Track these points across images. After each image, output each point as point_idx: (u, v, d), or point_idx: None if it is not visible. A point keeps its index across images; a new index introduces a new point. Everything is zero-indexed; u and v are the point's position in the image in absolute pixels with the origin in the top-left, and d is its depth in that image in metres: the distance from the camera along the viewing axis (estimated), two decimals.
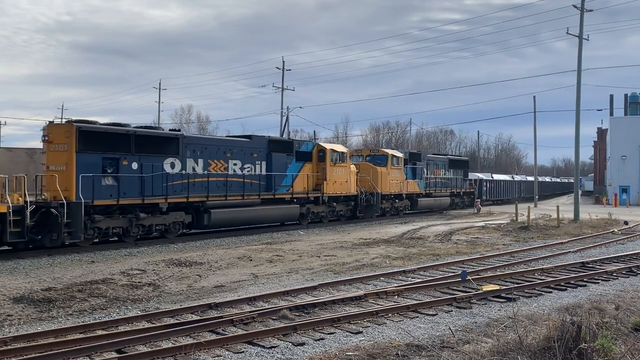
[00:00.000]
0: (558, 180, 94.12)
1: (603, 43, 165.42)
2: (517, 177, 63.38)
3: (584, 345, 6.30)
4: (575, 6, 31.39)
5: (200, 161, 21.40)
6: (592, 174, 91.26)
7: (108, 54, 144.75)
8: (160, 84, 67.75)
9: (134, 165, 18.94)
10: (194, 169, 21.08)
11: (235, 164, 22.82)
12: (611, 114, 70.89)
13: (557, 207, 30.03)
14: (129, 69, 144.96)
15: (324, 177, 26.69)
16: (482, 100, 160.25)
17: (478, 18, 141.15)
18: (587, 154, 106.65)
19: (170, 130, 21.60)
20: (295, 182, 25.49)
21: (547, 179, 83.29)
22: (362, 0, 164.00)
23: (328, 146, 27.69)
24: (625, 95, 68.56)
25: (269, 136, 25.25)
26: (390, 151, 33.50)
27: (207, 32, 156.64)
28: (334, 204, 28.12)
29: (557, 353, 6.29)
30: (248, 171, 23.33)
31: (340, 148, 28.80)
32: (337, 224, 28.89)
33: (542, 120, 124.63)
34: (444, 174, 39.73)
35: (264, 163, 24.05)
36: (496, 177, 55.18)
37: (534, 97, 51.83)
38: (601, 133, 79.51)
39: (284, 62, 52.24)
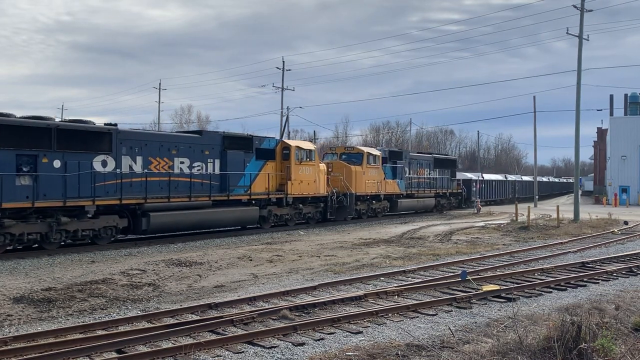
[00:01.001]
0: (557, 180, 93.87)
1: (603, 43, 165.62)
2: (511, 177, 61.13)
3: (584, 345, 6.30)
4: (575, 6, 31.40)
5: (139, 159, 19.31)
6: (592, 174, 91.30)
7: (108, 54, 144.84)
8: (160, 84, 67.83)
9: (56, 163, 16.92)
10: (131, 167, 19.01)
11: (182, 162, 20.80)
12: (611, 114, 70.95)
13: (557, 207, 30.03)
14: (128, 69, 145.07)
15: (289, 176, 24.74)
16: (482, 100, 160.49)
17: (478, 18, 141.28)
18: (587, 154, 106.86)
19: (105, 124, 19.24)
20: (255, 182, 23.46)
21: (545, 179, 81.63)
22: (362, 1, 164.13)
23: (293, 143, 26.04)
24: (625, 95, 68.61)
25: (223, 132, 23.47)
26: (366, 149, 31.49)
27: (207, 32, 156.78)
28: (300, 205, 25.98)
29: (557, 353, 6.29)
30: (198, 170, 21.32)
31: (307, 145, 26.87)
32: (337, 224, 28.82)
33: (542, 120, 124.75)
34: (429, 173, 37.78)
35: (217, 161, 22.05)
36: (487, 176, 52.68)
37: (534, 97, 51.88)
38: (601, 133, 79.55)
39: (284, 62, 52.31)
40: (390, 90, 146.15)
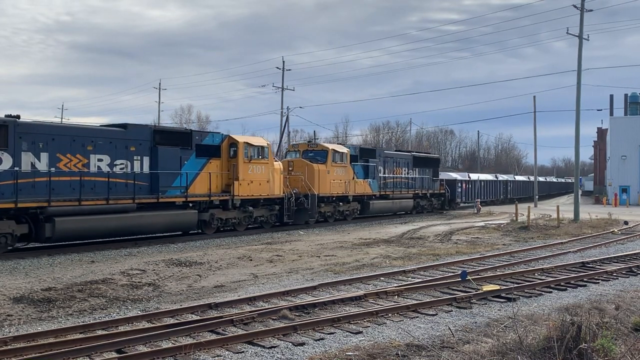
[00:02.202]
0: (554, 180, 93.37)
1: (602, 43, 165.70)
2: (503, 177, 57.58)
3: (584, 345, 6.30)
4: (575, 6, 31.41)
5: (44, 156, 16.87)
6: (592, 174, 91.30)
7: (107, 54, 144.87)
8: (160, 84, 67.85)
9: None
10: (33, 165, 16.61)
11: (100, 160, 18.22)
12: (611, 114, 70.95)
13: (557, 207, 30.03)
14: (128, 69, 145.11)
15: (235, 176, 22.27)
16: (481, 100, 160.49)
17: (477, 18, 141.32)
18: (587, 154, 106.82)
19: (5, 116, 16.63)
20: (194, 183, 21.00)
21: (542, 179, 78.82)
22: (361, 1, 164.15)
23: (241, 139, 23.15)
24: (625, 95, 68.63)
25: (154, 125, 20.45)
26: (331, 146, 29.00)
27: (206, 32, 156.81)
28: (251, 208, 23.31)
29: (557, 353, 6.29)
30: (121, 169, 18.79)
31: (258, 141, 24.27)
32: (337, 224, 28.83)
33: (542, 120, 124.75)
34: (407, 173, 35.32)
35: (146, 159, 19.52)
36: (474, 176, 49.43)
37: (534, 97, 51.87)
38: (601, 133, 79.55)
39: (284, 62, 52.23)
40: (389, 90, 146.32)
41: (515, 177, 63.29)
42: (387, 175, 32.97)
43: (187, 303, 10.59)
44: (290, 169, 27.05)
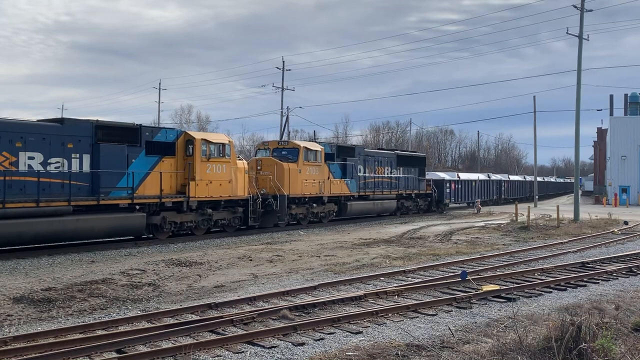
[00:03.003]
0: (553, 179, 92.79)
1: (602, 43, 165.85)
2: (496, 177, 55.00)
3: (584, 345, 6.30)
4: (575, 6, 31.39)
5: None
6: (592, 174, 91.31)
7: (107, 54, 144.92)
8: (160, 84, 67.84)
9: None
10: None
11: (31, 158, 16.56)
12: (611, 114, 70.99)
13: (557, 207, 30.03)
14: (128, 69, 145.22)
15: (192, 175, 20.44)
16: (481, 100, 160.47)
17: (476, 18, 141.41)
18: (587, 154, 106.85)
19: None
20: (144, 183, 19.16)
21: (539, 179, 76.75)
22: (360, 1, 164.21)
23: (198, 135, 21.50)
24: (625, 95, 68.66)
25: (96, 120, 18.40)
26: (303, 143, 27.38)
27: (206, 33, 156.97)
28: (210, 210, 21.47)
29: (557, 353, 6.29)
30: (57, 167, 17.06)
31: (218, 138, 22.30)
32: (337, 223, 28.79)
33: (542, 120, 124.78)
34: (390, 172, 33.38)
35: (86, 157, 17.78)
36: (464, 176, 46.92)
37: (534, 97, 51.88)
38: (601, 133, 79.55)
39: (284, 62, 52.17)
40: (389, 90, 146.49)
41: (510, 176, 60.98)
42: (367, 175, 31.21)
43: (187, 303, 10.59)
44: (258, 168, 25.35)
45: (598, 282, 12.98)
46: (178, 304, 10.63)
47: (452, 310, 10.10)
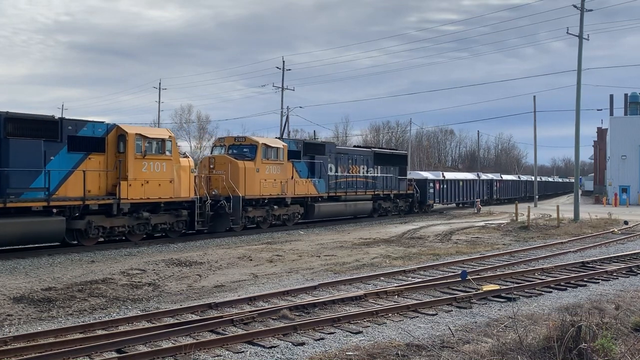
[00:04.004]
0: (551, 179, 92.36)
1: (602, 43, 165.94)
2: (487, 176, 52.18)
3: (584, 345, 6.30)
4: (575, 6, 31.40)
5: None
6: (592, 174, 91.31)
7: (107, 54, 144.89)
8: (160, 83, 67.84)
9: None
10: None
11: None
12: (611, 114, 70.96)
13: (557, 207, 30.04)
14: (128, 69, 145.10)
15: (124, 174, 18.17)
16: (481, 100, 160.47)
17: (475, 18, 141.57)
18: (587, 154, 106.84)
19: None
20: (65, 184, 17.05)
21: (532, 178, 72.65)
22: (360, 1, 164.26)
23: (132, 129, 18.88)
24: (625, 95, 68.66)
25: (6, 112, 16.15)
26: (262, 139, 24.87)
27: (205, 33, 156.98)
28: (146, 213, 19.17)
29: (557, 353, 6.29)
30: None
31: (156, 133, 19.93)
32: (337, 223, 28.76)
33: (542, 120, 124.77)
34: (366, 171, 31.27)
35: None
36: (450, 175, 44.15)
37: (534, 97, 51.83)
38: (601, 133, 79.55)
39: (284, 62, 52.15)
40: (388, 90, 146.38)
41: (503, 176, 58.05)
42: (339, 174, 28.98)
43: (187, 303, 10.60)
44: (211, 166, 23.19)
45: (598, 282, 12.98)
46: (178, 303, 10.64)
47: (452, 310, 10.10)
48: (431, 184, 38.05)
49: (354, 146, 37.99)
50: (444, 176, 41.71)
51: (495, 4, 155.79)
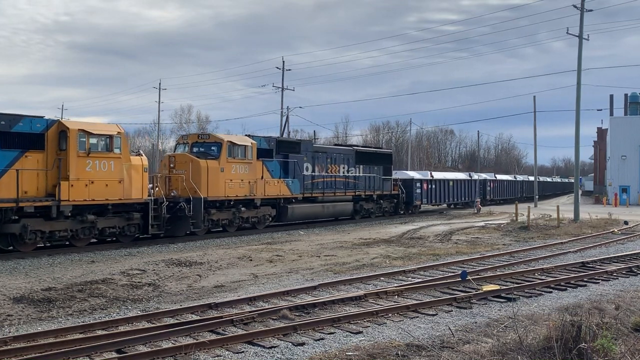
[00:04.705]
0: (550, 179, 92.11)
1: (601, 43, 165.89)
2: (481, 176, 50.06)
3: (584, 345, 6.30)
4: (575, 6, 31.39)
5: None
6: (592, 174, 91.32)
7: (107, 54, 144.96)
8: (160, 83, 67.78)
9: None
10: None
11: None
12: (611, 114, 71.00)
13: (557, 207, 30.04)
14: (127, 69, 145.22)
15: (65, 174, 16.72)
16: (481, 101, 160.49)
17: (475, 18, 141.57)
18: (587, 154, 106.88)
19: None
20: None
21: (531, 178, 65.43)
22: (359, 1, 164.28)
23: (74, 125, 17.31)
24: (625, 95, 68.67)
25: None
26: (227, 137, 23.14)
27: (205, 33, 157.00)
28: (92, 216, 17.53)
29: (557, 353, 6.29)
30: None
31: (103, 129, 18.17)
32: (337, 223, 28.74)
33: (542, 120, 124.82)
34: (347, 170, 29.66)
35: None
36: (439, 175, 42.36)
37: (534, 97, 51.81)
38: (601, 133, 79.58)
39: (284, 62, 52.09)
40: (388, 90, 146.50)
41: (497, 176, 55.82)
42: (316, 174, 27.37)
43: (187, 303, 10.60)
44: (171, 166, 21.57)
45: (598, 282, 12.98)
46: (178, 304, 10.64)
47: (452, 310, 10.10)
48: (418, 184, 36.54)
49: (335, 144, 36.78)
50: (432, 176, 40.00)
51: (495, 4, 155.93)
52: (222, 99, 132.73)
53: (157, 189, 20.15)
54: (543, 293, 11.68)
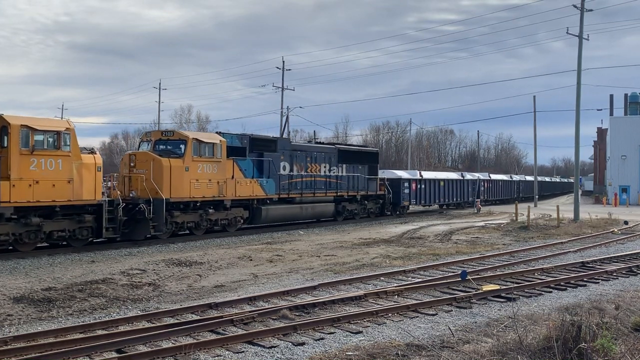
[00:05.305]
0: (548, 179, 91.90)
1: (601, 43, 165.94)
2: (474, 175, 48.28)
3: (584, 345, 6.30)
4: (575, 6, 31.40)
5: None
6: (592, 174, 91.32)
7: (106, 54, 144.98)
8: (160, 83, 67.84)
9: None
10: None
11: None
12: (611, 113, 70.97)
13: (557, 207, 30.04)
14: (127, 69, 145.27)
15: (5, 173, 15.68)
16: (480, 100, 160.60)
17: (475, 18, 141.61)
18: (587, 154, 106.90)
19: None
20: None
21: (530, 178, 64.42)
22: (359, 1, 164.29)
23: (16, 120, 15.94)
24: (625, 95, 68.66)
25: None
26: (193, 134, 21.96)
27: (205, 33, 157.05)
28: (36, 220, 16.21)
29: (557, 353, 6.29)
30: None
31: (49, 124, 16.84)
32: (336, 223, 28.72)
33: (541, 120, 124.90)
34: (328, 170, 28.24)
35: None
36: (429, 175, 40.40)
37: (534, 97, 51.81)
38: (601, 133, 79.61)
39: (283, 62, 52.07)
40: (388, 90, 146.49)
41: (491, 176, 53.86)
42: (294, 174, 26.00)
43: (187, 303, 10.60)
44: (132, 165, 20.19)
45: (598, 282, 12.98)
46: (178, 303, 10.64)
47: (452, 310, 10.11)
48: (406, 184, 35.00)
49: (316, 142, 35.32)
50: (421, 175, 38.42)
51: (495, 4, 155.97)
52: (222, 99, 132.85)
53: (113, 189, 18.98)
54: (543, 293, 11.68)
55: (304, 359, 7.41)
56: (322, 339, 8.24)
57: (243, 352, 7.62)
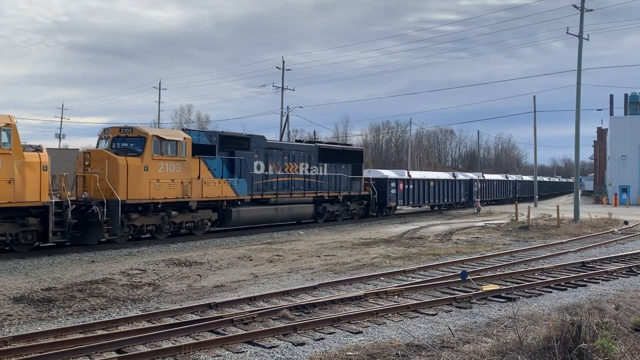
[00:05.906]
0: (547, 179, 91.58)
1: (601, 43, 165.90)
2: (467, 175, 47.08)
3: (584, 345, 6.30)
4: (575, 6, 31.41)
5: None
6: (592, 174, 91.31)
7: (106, 54, 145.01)
8: (160, 83, 67.85)
9: None
10: None
11: None
12: (611, 113, 70.98)
13: (557, 207, 30.04)
14: (127, 69, 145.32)
15: None
16: (480, 100, 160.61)
17: (474, 19, 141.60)
18: (587, 154, 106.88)
19: None
20: None
21: (529, 178, 63.78)
22: (359, 1, 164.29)
23: None
24: (625, 95, 68.67)
25: None
26: (153, 131, 20.32)
27: (205, 33, 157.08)
28: None
29: (557, 353, 6.29)
30: None
31: None
32: (336, 223, 28.72)
33: (541, 120, 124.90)
34: (308, 169, 27.02)
35: None
36: (417, 175, 39.06)
37: (534, 97, 51.81)
38: (601, 133, 79.59)
39: (283, 62, 52.09)
40: (388, 90, 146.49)
41: (485, 175, 52.15)
42: (269, 173, 24.71)
43: (187, 303, 10.59)
44: (86, 163, 18.74)
45: (598, 282, 12.98)
46: (178, 303, 10.64)
47: (452, 310, 10.10)
48: (393, 184, 33.63)
49: (296, 141, 34.26)
50: (409, 175, 37.10)
51: (494, 4, 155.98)
52: (222, 99, 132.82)
53: (64, 189, 17.46)
54: (543, 293, 11.68)
55: (304, 359, 7.41)
56: (322, 339, 8.24)
57: (243, 352, 7.62)
